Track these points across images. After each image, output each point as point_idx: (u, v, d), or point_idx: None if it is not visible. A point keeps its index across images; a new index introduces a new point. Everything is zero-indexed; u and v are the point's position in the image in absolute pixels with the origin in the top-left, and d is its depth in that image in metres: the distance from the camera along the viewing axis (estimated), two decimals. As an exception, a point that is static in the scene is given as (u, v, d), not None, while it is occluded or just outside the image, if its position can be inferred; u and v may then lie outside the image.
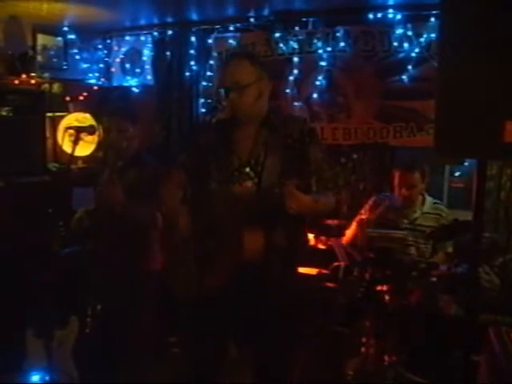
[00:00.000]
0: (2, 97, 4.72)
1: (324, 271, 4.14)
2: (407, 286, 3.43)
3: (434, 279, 3.50)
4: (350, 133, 4.83)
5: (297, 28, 4.92)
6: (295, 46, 4.95)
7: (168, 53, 5.54)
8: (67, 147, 4.98)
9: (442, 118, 2.10)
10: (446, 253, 3.83)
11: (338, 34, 4.75)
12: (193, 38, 5.41)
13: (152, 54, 5.70)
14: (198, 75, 5.47)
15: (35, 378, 3.18)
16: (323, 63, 4.86)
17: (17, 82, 4.83)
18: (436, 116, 2.12)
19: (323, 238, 4.60)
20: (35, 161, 4.95)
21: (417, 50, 4.46)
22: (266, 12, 4.97)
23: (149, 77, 5.79)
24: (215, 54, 5.36)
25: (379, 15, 4.56)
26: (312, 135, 2.43)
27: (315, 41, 4.86)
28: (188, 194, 2.53)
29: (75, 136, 3.00)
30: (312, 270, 4.14)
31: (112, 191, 2.93)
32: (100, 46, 5.97)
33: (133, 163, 3.14)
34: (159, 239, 3.17)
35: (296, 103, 5.01)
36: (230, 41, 5.23)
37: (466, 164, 4.40)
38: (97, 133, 3.26)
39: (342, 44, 4.75)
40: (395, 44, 4.54)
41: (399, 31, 4.50)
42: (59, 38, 5.56)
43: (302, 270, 3.76)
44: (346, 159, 4.79)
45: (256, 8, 4.89)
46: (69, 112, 5.42)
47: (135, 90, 5.84)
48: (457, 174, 4.67)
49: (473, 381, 2.38)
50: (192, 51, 5.44)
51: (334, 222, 4.57)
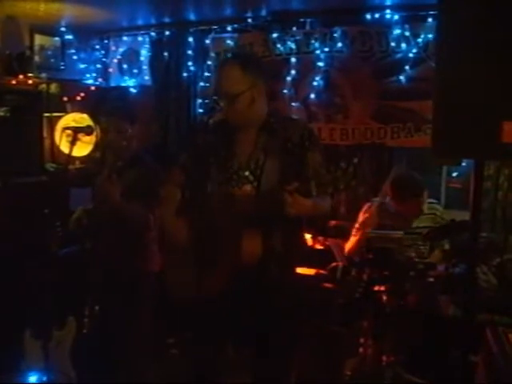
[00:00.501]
0: (0, 97, 4.72)
1: (322, 271, 4.15)
2: (405, 286, 3.43)
3: (431, 279, 3.50)
4: (348, 133, 4.83)
5: (294, 28, 4.92)
6: (293, 46, 4.95)
7: (165, 53, 5.54)
8: (64, 147, 4.92)
9: (439, 119, 2.10)
10: (443, 250, 3.84)
11: (335, 35, 4.75)
12: (190, 39, 5.41)
13: (149, 54, 5.70)
14: (196, 76, 5.47)
15: (33, 378, 3.18)
16: (321, 64, 4.87)
17: (14, 82, 4.82)
18: (433, 116, 2.13)
19: (321, 238, 4.60)
20: (33, 161, 4.94)
21: (414, 51, 4.46)
22: (263, 12, 4.97)
23: (146, 77, 5.79)
24: (213, 54, 5.35)
25: (377, 16, 4.57)
26: (312, 139, 2.42)
27: (313, 41, 4.86)
28: (186, 194, 2.53)
29: (73, 136, 2.99)
30: (310, 271, 4.14)
31: (110, 191, 2.92)
32: (97, 47, 5.97)
33: (132, 164, 3.13)
34: (157, 240, 3.17)
35: (293, 104, 5.01)
36: (228, 41, 5.23)
37: (463, 164, 4.40)
38: (94, 133, 3.26)
39: (340, 44, 4.75)
40: (393, 44, 4.54)
41: (397, 32, 4.50)
42: (57, 38, 5.55)
43: (300, 270, 3.77)
44: (347, 164, 4.76)
45: (253, 8, 4.90)
46: (66, 112, 5.42)
47: (133, 90, 5.83)
48: (454, 174, 4.67)
49: (471, 381, 2.39)
50: (189, 51, 5.44)
51: (331, 223, 4.58)
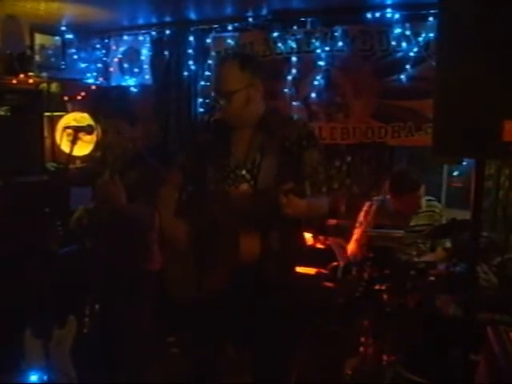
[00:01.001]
0: (0, 96, 4.72)
1: (323, 271, 4.15)
2: (406, 285, 3.43)
3: (432, 278, 3.50)
4: (349, 132, 4.83)
5: (295, 27, 4.92)
6: (293, 45, 4.95)
7: (166, 52, 5.54)
8: (65, 147, 4.94)
9: (440, 118, 2.10)
10: (444, 248, 3.84)
11: (336, 34, 4.75)
12: (191, 38, 5.41)
13: (150, 53, 5.70)
14: (197, 75, 5.47)
15: (33, 377, 3.18)
16: (321, 63, 4.86)
17: (15, 81, 4.82)
18: (434, 115, 2.12)
19: (322, 237, 4.60)
20: (33, 160, 4.94)
21: (415, 50, 4.46)
22: (264, 11, 4.97)
23: (147, 76, 5.78)
24: (213, 53, 5.35)
25: (377, 15, 4.56)
26: (309, 139, 2.41)
27: (313, 40, 4.85)
28: (184, 194, 2.53)
29: (73, 136, 2.98)
30: (311, 270, 4.14)
31: (114, 193, 2.92)
32: (98, 46, 5.97)
33: (134, 164, 3.13)
34: (157, 240, 3.17)
35: (294, 103, 5.00)
36: (229, 40, 5.23)
37: (464, 163, 4.40)
38: (95, 132, 3.25)
39: (340, 43, 4.75)
40: (393, 43, 4.54)
41: (397, 31, 4.50)
42: (57, 38, 5.55)
43: (300, 269, 3.76)
44: (341, 162, 4.78)
45: (254, 7, 4.89)
46: (67, 111, 5.42)
47: (133, 89, 5.83)
48: (455, 173, 4.67)
49: (471, 380, 2.39)
50: (190, 51, 5.43)
51: (332, 222, 4.57)
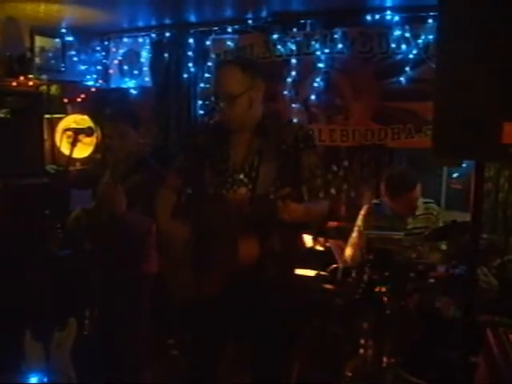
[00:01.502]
0: (0, 98, 4.72)
1: (322, 273, 4.14)
2: (405, 287, 3.43)
3: (432, 281, 3.50)
4: (348, 134, 4.83)
5: (295, 29, 4.92)
6: (293, 47, 4.95)
7: (166, 54, 5.54)
8: (65, 149, 4.93)
9: (440, 120, 2.10)
10: (440, 250, 3.85)
11: (335, 36, 4.75)
12: (191, 40, 5.41)
13: (150, 55, 5.70)
14: (196, 77, 5.47)
15: (33, 379, 3.18)
16: (321, 65, 4.86)
17: (15, 83, 4.82)
18: (434, 117, 2.13)
19: (321, 239, 4.60)
20: (33, 163, 4.94)
21: (415, 52, 4.46)
22: (263, 14, 4.97)
23: (147, 78, 5.78)
24: (213, 55, 5.35)
25: (377, 17, 4.57)
26: (306, 141, 2.42)
27: (313, 42, 4.85)
28: (183, 197, 2.53)
29: (73, 138, 2.99)
30: (310, 272, 4.13)
31: (116, 200, 2.92)
32: (98, 48, 5.96)
33: (138, 168, 3.12)
34: (155, 242, 3.17)
35: (294, 105, 5.00)
36: (228, 42, 5.23)
37: (463, 165, 4.40)
38: (95, 134, 3.26)
39: (340, 45, 4.75)
40: (393, 45, 4.54)
41: (397, 33, 4.50)
42: (57, 40, 5.55)
43: (300, 271, 3.76)
44: (339, 166, 4.78)
45: (254, 10, 4.90)
46: (67, 114, 5.42)
47: (133, 91, 5.83)
48: (455, 175, 4.67)
49: (471, 382, 2.39)
50: (190, 53, 5.43)
51: (332, 224, 4.56)
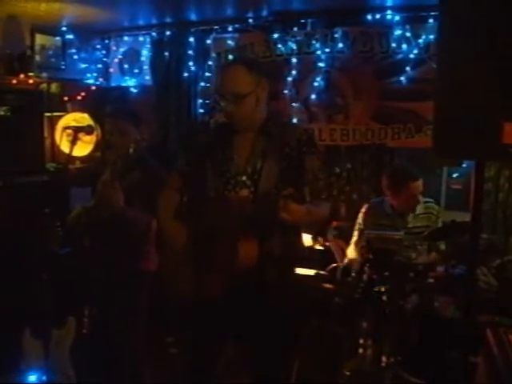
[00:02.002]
0: (0, 96, 4.71)
1: (322, 272, 4.14)
2: (405, 287, 3.43)
3: (431, 280, 3.51)
4: (348, 134, 4.83)
5: (295, 29, 4.92)
6: (294, 46, 4.95)
7: (166, 53, 5.53)
8: (65, 147, 4.93)
9: (440, 120, 2.10)
10: (437, 251, 3.85)
11: (336, 35, 4.75)
12: (191, 39, 5.40)
13: (150, 54, 5.69)
14: (197, 76, 5.46)
15: (32, 378, 3.18)
16: (321, 64, 4.86)
17: (15, 81, 4.82)
18: (434, 117, 2.13)
19: (321, 239, 4.60)
20: (33, 161, 4.93)
21: (415, 52, 4.46)
22: (264, 13, 4.97)
23: (147, 77, 5.77)
24: (214, 54, 5.35)
25: (378, 16, 4.56)
26: (309, 144, 2.42)
27: (314, 42, 4.85)
28: (185, 198, 2.53)
29: (73, 136, 2.99)
30: (310, 271, 4.14)
31: (113, 197, 2.92)
32: (98, 46, 5.95)
33: (135, 165, 3.13)
34: (154, 241, 3.17)
35: (294, 104, 5.00)
36: (229, 41, 5.23)
37: (464, 165, 4.40)
38: (95, 133, 3.26)
39: (341, 45, 4.75)
40: (393, 45, 4.54)
41: (398, 32, 4.50)
42: (57, 38, 5.54)
43: (299, 271, 3.76)
44: (341, 169, 4.76)
45: (254, 9, 4.89)
46: (67, 112, 5.41)
47: (133, 90, 5.83)
48: (455, 175, 4.67)
49: (471, 382, 2.39)
50: (190, 52, 5.43)
51: (332, 224, 4.57)
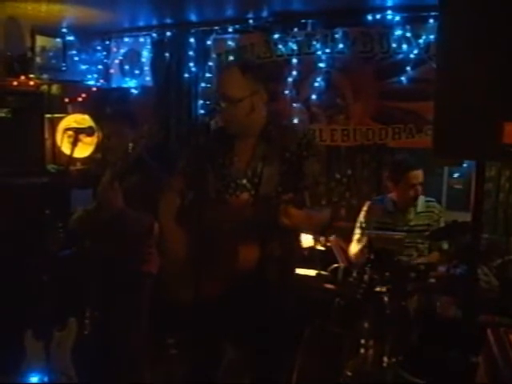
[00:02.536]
0: (1, 98, 4.72)
1: (323, 272, 4.14)
2: (406, 287, 3.43)
3: (432, 280, 3.50)
4: (349, 134, 4.83)
5: (296, 29, 4.92)
6: (294, 47, 4.95)
7: (167, 54, 5.54)
8: (66, 149, 4.96)
9: (440, 120, 2.10)
10: (440, 250, 3.85)
11: (336, 36, 4.75)
12: (192, 40, 5.41)
13: (151, 55, 5.70)
14: (197, 77, 5.47)
15: (34, 379, 3.18)
16: (322, 64, 4.86)
17: (15, 83, 4.82)
18: (435, 117, 2.13)
19: (322, 239, 4.60)
20: (34, 162, 4.94)
21: (415, 52, 4.46)
22: (264, 13, 4.97)
23: (148, 78, 5.78)
24: (214, 55, 5.36)
25: (378, 17, 4.56)
26: (310, 148, 2.41)
27: (314, 42, 4.86)
28: (186, 201, 2.53)
29: (74, 137, 2.99)
30: (311, 272, 4.13)
31: (112, 199, 2.93)
32: (99, 48, 5.96)
33: (135, 167, 3.13)
34: (156, 243, 3.17)
35: (295, 105, 5.00)
36: (229, 42, 5.23)
37: (464, 165, 4.41)
38: (96, 134, 3.25)
39: (341, 45, 4.75)
40: (394, 45, 4.54)
41: (398, 32, 4.50)
42: (58, 40, 5.55)
43: (300, 271, 3.76)
44: (341, 175, 4.76)
45: (255, 9, 4.89)
46: (67, 113, 5.41)
47: (134, 91, 5.83)
48: (456, 175, 4.67)
49: (472, 381, 2.39)
50: (191, 52, 5.43)
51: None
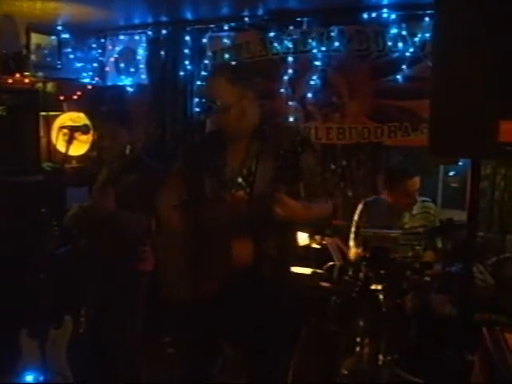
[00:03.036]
0: (-4, 96, 4.71)
1: (319, 271, 4.14)
2: (402, 285, 3.43)
3: (428, 279, 3.51)
4: (345, 132, 4.83)
5: (291, 27, 4.91)
6: (290, 45, 4.95)
7: (162, 52, 5.53)
8: (61, 146, 4.97)
9: (436, 118, 2.11)
10: (433, 249, 3.85)
11: (332, 34, 4.75)
12: (187, 38, 5.40)
13: (146, 53, 5.69)
14: (193, 74, 5.46)
15: (29, 377, 3.18)
16: (318, 63, 4.86)
17: (10, 81, 4.81)
18: (430, 115, 2.13)
19: (318, 237, 4.60)
20: (29, 160, 4.93)
21: (411, 50, 4.46)
22: (260, 11, 4.96)
23: (143, 76, 5.77)
24: (210, 53, 5.35)
25: (374, 15, 4.56)
26: (304, 145, 2.40)
27: (310, 40, 4.85)
28: (183, 200, 2.54)
29: (69, 135, 2.98)
30: (306, 270, 4.14)
31: (104, 202, 2.93)
32: (94, 45, 5.95)
33: (133, 167, 3.12)
34: (151, 241, 3.17)
35: (290, 103, 5.00)
36: (225, 40, 5.22)
37: (460, 164, 4.41)
38: (91, 132, 3.25)
39: (337, 43, 4.75)
40: (390, 44, 4.54)
41: (394, 31, 4.50)
42: (53, 37, 5.53)
43: (296, 269, 3.77)
44: (335, 165, 4.79)
45: (250, 7, 4.89)
46: (63, 111, 5.40)
47: (129, 89, 5.82)
48: (451, 173, 4.68)
49: (467, 380, 2.39)
50: (186, 50, 5.42)
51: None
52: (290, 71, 4.97)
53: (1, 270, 3.98)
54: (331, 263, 4.13)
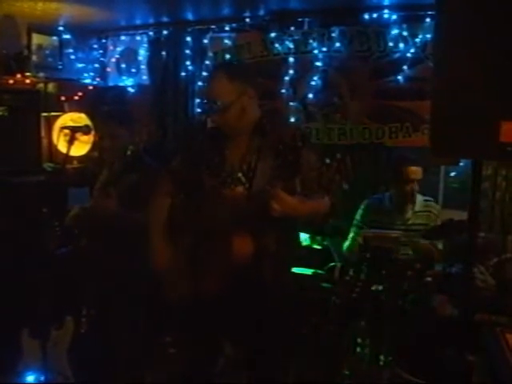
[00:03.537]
0: (-3, 96, 4.71)
1: (320, 271, 4.14)
2: (402, 286, 3.43)
3: (429, 279, 3.51)
4: (346, 133, 4.83)
5: (292, 28, 4.92)
6: (291, 46, 4.95)
7: (163, 53, 5.54)
8: (62, 147, 4.95)
9: (437, 118, 2.10)
10: (437, 248, 3.85)
11: (333, 34, 4.75)
12: (188, 38, 5.41)
13: (147, 53, 5.70)
14: (194, 75, 5.47)
15: (30, 378, 3.18)
16: (319, 63, 4.86)
17: (12, 81, 4.81)
18: (432, 116, 2.13)
19: (319, 238, 4.60)
20: (30, 161, 4.93)
21: (412, 51, 4.47)
22: (261, 12, 4.97)
23: (144, 77, 5.78)
24: (211, 54, 5.36)
25: (375, 15, 4.57)
26: (304, 140, 2.41)
27: (311, 41, 4.85)
28: (178, 200, 2.54)
29: (70, 136, 2.99)
30: (308, 271, 4.14)
31: (105, 202, 2.94)
32: (95, 46, 5.97)
33: (134, 167, 3.12)
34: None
35: (291, 103, 5.00)
36: (226, 41, 5.23)
37: (461, 164, 4.41)
38: (92, 132, 3.25)
39: (338, 44, 4.75)
40: (391, 44, 4.54)
41: (395, 31, 4.50)
42: (54, 38, 5.54)
43: (297, 270, 3.77)
44: (337, 163, 4.79)
45: (251, 8, 4.89)
46: (64, 112, 5.41)
47: (131, 89, 5.83)
48: (452, 174, 4.67)
49: (468, 380, 2.39)
50: (187, 51, 5.43)
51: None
52: (291, 72, 4.98)
53: (2, 270, 3.99)
54: (332, 264, 4.13)
